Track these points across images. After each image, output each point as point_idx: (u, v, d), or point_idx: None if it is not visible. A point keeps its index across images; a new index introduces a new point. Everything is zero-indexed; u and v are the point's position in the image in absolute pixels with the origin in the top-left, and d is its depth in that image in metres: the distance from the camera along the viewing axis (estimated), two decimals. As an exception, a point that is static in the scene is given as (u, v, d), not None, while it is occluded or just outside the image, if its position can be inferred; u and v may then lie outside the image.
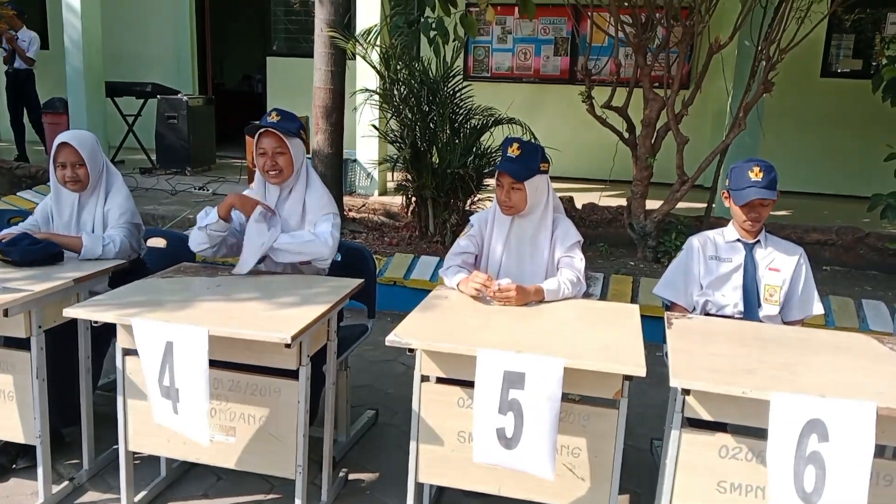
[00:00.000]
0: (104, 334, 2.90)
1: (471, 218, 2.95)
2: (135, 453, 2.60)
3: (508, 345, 2.15)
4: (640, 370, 2.02)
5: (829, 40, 7.74)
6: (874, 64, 7.77)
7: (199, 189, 7.43)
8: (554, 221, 2.80)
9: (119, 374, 2.45)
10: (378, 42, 5.41)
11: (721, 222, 4.81)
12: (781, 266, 2.77)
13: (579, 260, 2.76)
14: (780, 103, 6.44)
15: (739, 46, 5.93)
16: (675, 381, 1.95)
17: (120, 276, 2.87)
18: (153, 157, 8.29)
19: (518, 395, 2.07)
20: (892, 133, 5.10)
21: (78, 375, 2.77)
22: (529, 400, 2.06)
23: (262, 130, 2.87)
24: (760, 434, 2.01)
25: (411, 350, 2.25)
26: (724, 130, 6.38)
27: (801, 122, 7.65)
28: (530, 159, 2.69)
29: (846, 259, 5.50)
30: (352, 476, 2.95)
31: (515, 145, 2.71)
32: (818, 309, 2.81)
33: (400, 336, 2.21)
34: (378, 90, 5.54)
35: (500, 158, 2.78)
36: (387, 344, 2.22)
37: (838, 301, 4.47)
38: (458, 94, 5.37)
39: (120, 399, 2.47)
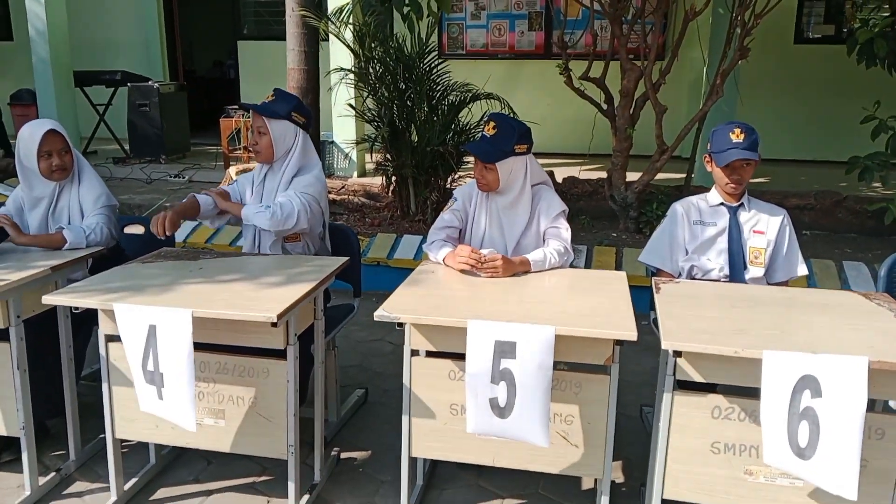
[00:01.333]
0: (85, 323, 2.85)
1: (454, 192, 2.93)
2: (123, 441, 2.56)
3: (498, 315, 2.13)
4: (632, 334, 2.01)
5: (801, 7, 7.76)
6: (845, 29, 7.81)
7: (175, 177, 7.33)
8: (536, 194, 2.77)
9: (103, 360, 2.40)
10: (351, 20, 5.32)
11: (701, 191, 4.83)
12: (765, 228, 2.78)
13: (565, 230, 2.75)
14: (755, 71, 6.46)
15: (713, 14, 5.92)
16: (667, 344, 1.94)
17: (98, 264, 2.82)
18: (126, 147, 8.15)
19: (510, 364, 2.06)
20: (866, 96, 5.13)
21: (60, 365, 2.72)
22: (521, 369, 2.05)
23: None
24: (752, 393, 2.02)
25: (400, 324, 2.23)
26: (701, 100, 6.40)
27: (777, 89, 7.68)
28: (504, 141, 2.64)
29: (825, 223, 5.55)
30: (344, 455, 2.94)
31: (492, 124, 2.67)
32: (802, 270, 2.82)
33: (388, 311, 2.19)
34: (353, 69, 5.46)
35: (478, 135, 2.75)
36: (375, 319, 2.19)
37: (820, 264, 4.51)
38: (435, 71, 5.31)
39: (105, 386, 2.43)
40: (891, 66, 5.07)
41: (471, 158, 3.36)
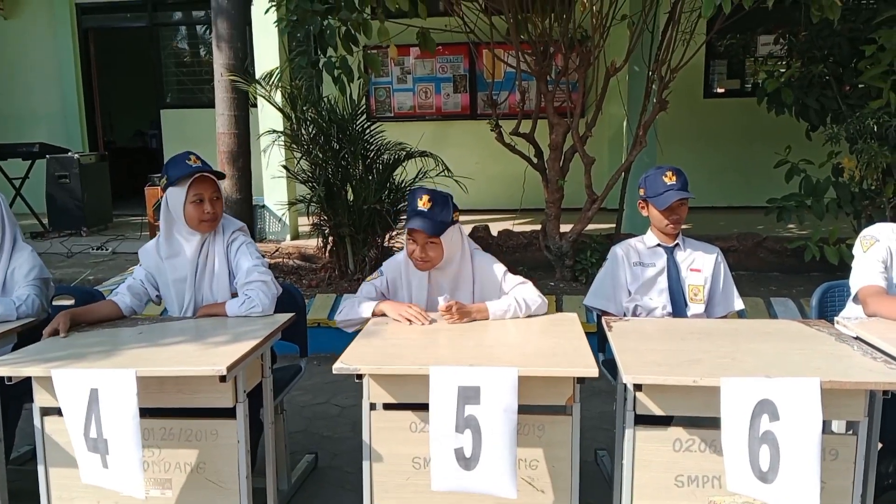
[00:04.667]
0: (13, 402, 2.67)
1: (382, 266, 2.84)
2: (60, 525, 2.38)
3: (458, 360, 2.12)
4: (593, 371, 2.03)
5: (707, 64, 8.28)
6: (749, 83, 8.37)
7: (98, 249, 7.06)
8: (474, 267, 2.72)
9: (38, 436, 2.24)
10: (280, 84, 5.35)
11: (630, 238, 4.98)
12: (701, 266, 2.89)
13: (530, 286, 2.72)
14: (670, 124, 6.80)
15: (630, 71, 6.23)
16: (628, 378, 1.97)
17: (25, 338, 2.66)
18: (45, 221, 7.83)
19: (474, 410, 2.03)
20: (776, 143, 5.46)
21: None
22: (486, 414, 2.02)
23: (197, 175, 2.67)
24: (710, 424, 2.05)
25: (359, 377, 2.18)
26: (623, 151, 6.67)
27: (691, 141, 8.09)
28: (442, 211, 2.59)
29: (748, 263, 5.79)
30: (299, 523, 2.81)
31: (426, 197, 2.58)
32: (739, 304, 2.94)
33: (347, 362, 2.14)
34: (286, 131, 5.46)
35: (408, 212, 2.67)
36: (334, 371, 2.13)
37: (749, 302, 4.68)
38: (368, 131, 5.37)
39: (41, 467, 2.26)
40: (798, 113, 5.43)
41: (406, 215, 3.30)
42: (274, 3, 5.13)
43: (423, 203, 2.58)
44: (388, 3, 4.89)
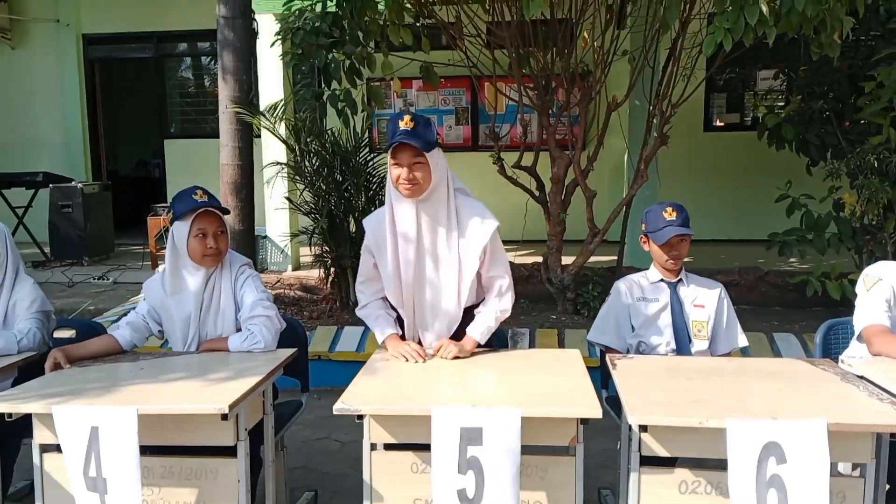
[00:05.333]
0: (12, 436, 2.65)
1: (364, 222, 2.72)
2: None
3: (461, 400, 2.10)
4: (597, 412, 2.01)
5: (707, 98, 8.34)
6: (748, 118, 8.43)
7: (98, 279, 7.05)
8: (458, 212, 2.56)
9: (37, 473, 2.22)
10: (284, 116, 5.40)
11: (632, 271, 4.97)
12: (705, 302, 2.88)
13: (505, 272, 2.62)
14: (671, 157, 6.82)
15: (631, 105, 6.28)
16: (633, 419, 1.95)
17: (26, 371, 2.65)
18: (46, 250, 7.83)
19: (477, 451, 2.01)
20: (772, 177, 5.49)
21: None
22: (489, 455, 2.00)
23: (200, 210, 2.66)
24: (716, 465, 2.03)
25: (360, 417, 2.16)
26: (624, 184, 6.70)
27: (691, 174, 8.11)
28: (426, 131, 2.42)
29: (750, 297, 5.78)
30: (298, 563, 2.77)
31: (407, 117, 2.40)
32: (743, 341, 2.93)
33: (348, 402, 2.12)
34: (290, 163, 5.50)
35: (389, 136, 2.47)
36: (334, 412, 2.11)
37: (752, 337, 4.67)
38: (370, 163, 5.40)
39: (38, 502, 2.23)
40: (798, 148, 5.46)
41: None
42: (280, 37, 5.20)
43: (405, 123, 2.39)
44: (391, 38, 4.97)
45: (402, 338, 2.69)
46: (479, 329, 2.62)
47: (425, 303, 2.62)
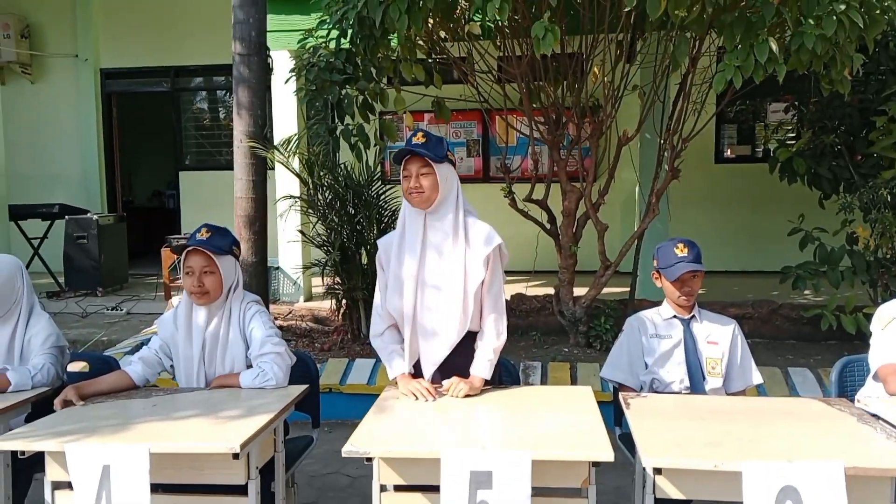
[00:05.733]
0: (23, 472, 2.65)
1: (378, 242, 2.78)
2: None
3: (470, 442, 2.09)
4: (608, 455, 1.99)
5: (718, 130, 8.36)
6: (759, 149, 8.44)
7: (112, 309, 7.10)
8: (468, 230, 2.59)
9: (48, 512, 2.22)
10: (298, 150, 5.46)
11: (644, 304, 4.96)
12: (719, 339, 2.86)
13: (501, 313, 2.61)
14: (682, 189, 6.83)
15: (642, 138, 6.31)
16: (647, 461, 1.93)
17: (41, 407, 2.66)
18: (61, 280, 7.91)
19: (486, 495, 1.99)
20: (784, 209, 5.48)
21: (-7, 521, 2.50)
22: (499, 499, 1.98)
23: (189, 248, 2.71)
24: (730, 508, 2.00)
25: (369, 459, 2.15)
26: (635, 216, 6.70)
27: (703, 206, 8.11)
28: (437, 146, 2.51)
29: (764, 331, 5.73)
30: None
31: (420, 133, 2.52)
32: (757, 378, 2.90)
33: (357, 445, 2.11)
34: (303, 196, 5.54)
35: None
36: (343, 455, 2.10)
37: (767, 371, 4.62)
38: (383, 196, 5.43)
39: (48, 542, 2.23)
40: (810, 182, 5.45)
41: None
42: (294, 73, 5.28)
43: (417, 138, 2.51)
44: (404, 73, 5.03)
45: (414, 375, 2.68)
46: (482, 365, 2.59)
47: (428, 314, 2.58)
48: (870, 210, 4.73)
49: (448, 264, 2.56)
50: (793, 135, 7.87)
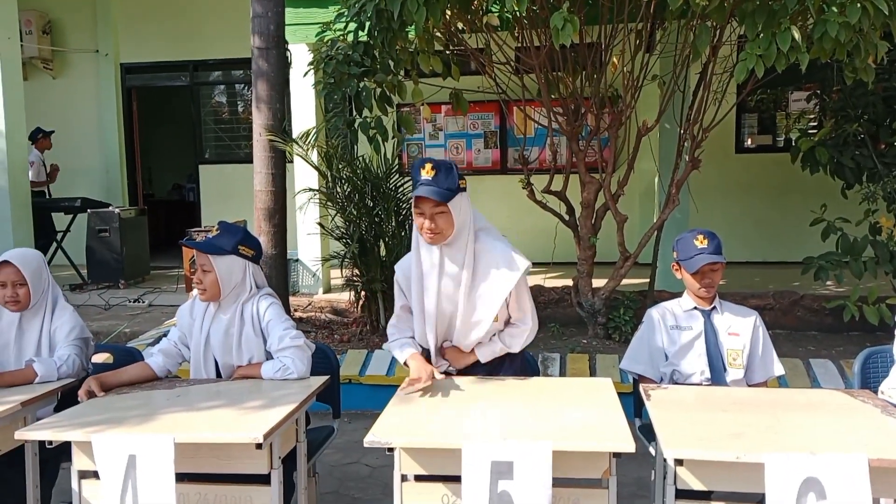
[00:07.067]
0: (51, 462, 2.70)
1: (395, 267, 2.81)
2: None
3: (491, 433, 2.10)
4: (629, 446, 1.99)
5: (738, 119, 8.28)
6: (780, 139, 8.34)
7: (134, 301, 7.19)
8: (476, 251, 2.58)
9: (75, 499, 2.26)
10: (316, 143, 5.48)
11: (664, 295, 4.93)
12: (740, 330, 2.85)
13: (528, 329, 2.70)
14: (702, 180, 6.77)
15: (661, 129, 6.27)
16: (669, 452, 1.93)
17: (68, 397, 2.70)
18: (83, 273, 8.01)
19: (507, 485, 2.00)
20: (806, 199, 5.43)
21: (21, 509, 2.55)
22: (520, 490, 1.99)
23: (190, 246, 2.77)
24: (751, 499, 2.00)
25: (390, 449, 2.16)
26: (655, 207, 6.65)
27: (724, 197, 8.04)
28: (447, 178, 2.47)
29: (785, 322, 5.68)
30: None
31: (429, 165, 2.47)
32: (779, 369, 2.87)
33: (378, 436, 2.12)
34: (321, 189, 5.57)
35: (413, 185, 2.56)
36: (365, 445, 2.12)
37: (788, 363, 4.59)
38: (401, 189, 5.45)
39: (76, 529, 2.28)
40: (832, 171, 5.38)
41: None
42: (312, 67, 5.30)
43: (426, 172, 2.46)
44: (422, 65, 5.03)
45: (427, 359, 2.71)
46: (483, 350, 2.69)
47: (453, 337, 2.71)
48: (894, 199, 4.66)
49: (462, 299, 2.59)
50: (815, 124, 7.77)
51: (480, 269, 2.57)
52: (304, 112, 6.46)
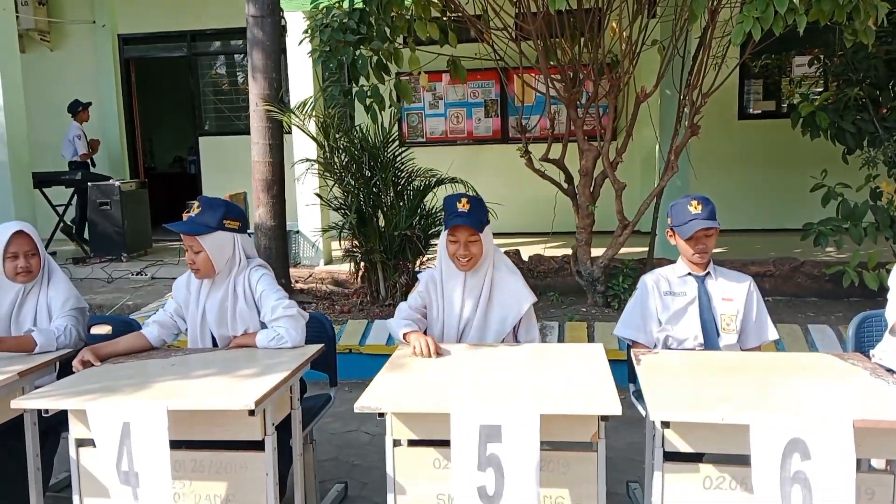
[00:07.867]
0: (52, 430, 2.74)
1: (419, 276, 2.99)
2: (93, 554, 2.42)
3: (480, 398, 2.12)
4: (616, 409, 2.00)
5: (742, 85, 8.19)
6: (784, 104, 8.26)
7: (137, 274, 7.23)
8: (498, 278, 2.85)
9: (73, 466, 2.30)
10: (314, 113, 5.45)
11: (662, 262, 4.92)
12: (733, 295, 2.84)
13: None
14: (704, 146, 6.74)
15: (661, 95, 6.21)
16: (655, 414, 1.95)
17: (66, 367, 2.73)
18: (86, 246, 8.04)
19: (496, 449, 2.03)
20: (809, 166, 5.37)
21: (21, 477, 2.58)
22: (508, 453, 2.01)
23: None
24: (740, 461, 2.01)
25: (381, 415, 2.19)
26: (655, 175, 6.62)
27: (725, 163, 8.00)
28: (480, 210, 2.79)
29: (785, 288, 5.68)
30: (327, 554, 2.82)
31: (464, 200, 2.78)
32: (773, 334, 2.88)
33: (369, 402, 2.15)
34: (319, 159, 5.55)
35: (447, 216, 2.84)
36: (356, 410, 2.14)
37: (786, 329, 4.60)
38: (399, 158, 5.42)
39: (76, 497, 2.31)
40: (833, 136, 5.33)
41: (437, 241, 3.40)
42: (308, 35, 5.24)
43: (462, 205, 2.76)
44: (418, 32, 4.97)
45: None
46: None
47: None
48: (894, 164, 4.62)
49: (482, 317, 2.83)
50: (818, 89, 7.68)
51: (496, 296, 2.84)
52: (302, 81, 6.43)
